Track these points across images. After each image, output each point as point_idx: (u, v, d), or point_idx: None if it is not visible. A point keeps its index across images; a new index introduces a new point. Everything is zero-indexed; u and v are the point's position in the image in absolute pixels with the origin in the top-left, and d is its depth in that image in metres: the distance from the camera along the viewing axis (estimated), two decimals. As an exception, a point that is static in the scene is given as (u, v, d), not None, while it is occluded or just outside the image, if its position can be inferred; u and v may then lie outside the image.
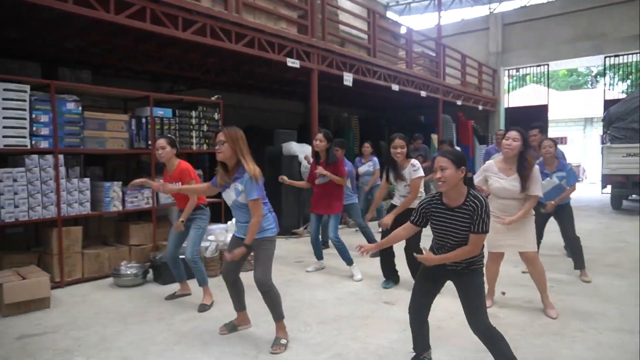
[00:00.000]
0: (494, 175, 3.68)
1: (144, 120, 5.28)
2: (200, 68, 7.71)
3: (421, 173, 4.27)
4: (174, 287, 4.43)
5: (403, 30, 10.54)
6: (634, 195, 10.94)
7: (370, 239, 5.93)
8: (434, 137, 11.48)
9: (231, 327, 3.43)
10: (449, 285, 2.66)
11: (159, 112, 5.46)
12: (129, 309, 3.98)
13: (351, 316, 3.76)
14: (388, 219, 4.18)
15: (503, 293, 4.20)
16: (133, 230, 5.24)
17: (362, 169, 7.42)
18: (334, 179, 4.80)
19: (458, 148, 9.60)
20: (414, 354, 2.80)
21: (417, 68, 10.58)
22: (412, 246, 4.15)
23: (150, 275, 4.85)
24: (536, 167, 3.65)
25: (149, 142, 5.29)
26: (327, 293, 4.40)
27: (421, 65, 10.98)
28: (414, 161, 4.29)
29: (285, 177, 5.09)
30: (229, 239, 5.16)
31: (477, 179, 3.83)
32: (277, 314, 3.19)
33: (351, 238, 6.47)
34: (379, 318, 3.72)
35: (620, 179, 9.63)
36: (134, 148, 5.24)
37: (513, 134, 3.58)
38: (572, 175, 4.67)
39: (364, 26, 8.49)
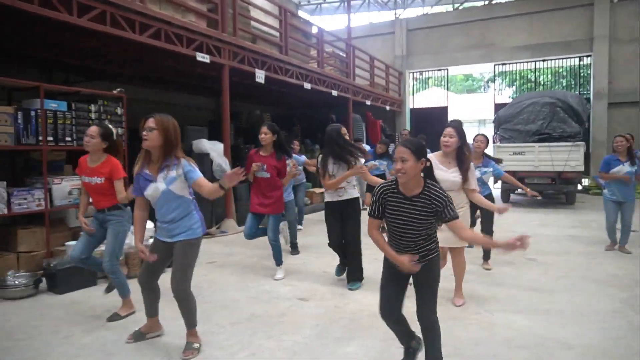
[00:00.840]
0: (435, 167, 3.79)
1: (33, 113, 4.76)
2: (101, 58, 7.14)
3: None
4: (73, 296, 4.06)
5: (314, 30, 10.71)
6: (519, 190, 12.25)
7: (294, 235, 5.97)
8: (345, 135, 11.82)
9: (138, 336, 3.22)
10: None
11: (52, 104, 4.96)
12: (16, 323, 3.57)
13: (265, 315, 3.74)
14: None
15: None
16: (22, 236, 4.71)
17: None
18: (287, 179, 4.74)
19: (367, 147, 9.98)
20: (403, 348, 2.72)
21: (328, 68, 10.83)
22: (350, 236, 4.25)
23: (43, 284, 4.39)
24: (471, 163, 3.82)
25: (40, 138, 4.79)
26: (241, 293, 4.34)
27: (332, 65, 11.26)
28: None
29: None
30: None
31: None
32: (190, 322, 3.03)
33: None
34: (294, 314, 3.74)
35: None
36: (22, 144, 4.70)
37: (449, 130, 3.67)
38: (497, 168, 5.12)
39: (275, 24, 8.48)
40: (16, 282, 4.17)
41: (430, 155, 3.96)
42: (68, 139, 5.09)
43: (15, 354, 3.02)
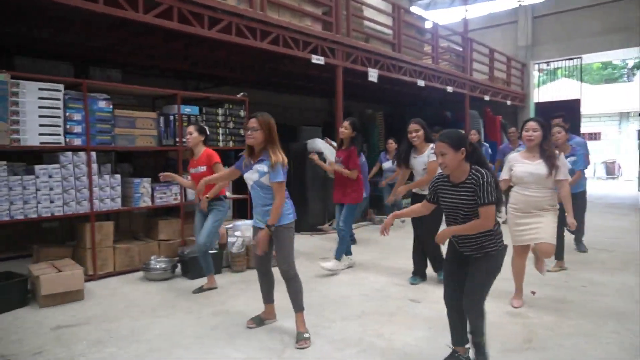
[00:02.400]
0: (518, 162, 3.66)
1: (171, 117, 5.39)
2: (226, 66, 7.79)
3: (434, 158, 4.21)
4: (201, 281, 4.51)
5: (428, 25, 10.40)
6: None
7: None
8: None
9: (258, 321, 3.48)
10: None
11: (186, 109, 5.56)
12: (158, 302, 4.08)
13: (376, 313, 3.74)
14: (402, 189, 4.41)
15: (533, 292, 4.10)
16: (162, 226, 5.36)
17: (386, 165, 7.38)
18: (342, 172, 4.88)
19: (486, 144, 9.41)
20: (451, 349, 2.75)
21: (443, 63, 10.42)
22: (427, 234, 4.18)
23: (178, 269, 4.95)
24: (562, 153, 3.71)
25: (177, 139, 5.40)
26: (352, 289, 4.40)
27: (447, 60, 10.81)
28: (433, 145, 4.22)
29: (315, 156, 5.23)
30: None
31: (502, 175, 3.78)
32: (298, 304, 3.25)
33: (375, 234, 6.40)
34: (405, 315, 3.69)
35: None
36: (163, 145, 5.35)
37: (532, 124, 3.61)
38: (581, 160, 4.58)
39: (388, 21, 8.41)
40: (157, 266, 4.77)
41: (512, 154, 3.72)
42: (200, 139, 5.66)
43: (157, 329, 3.46)
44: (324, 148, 7.63)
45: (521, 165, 3.63)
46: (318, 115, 11.59)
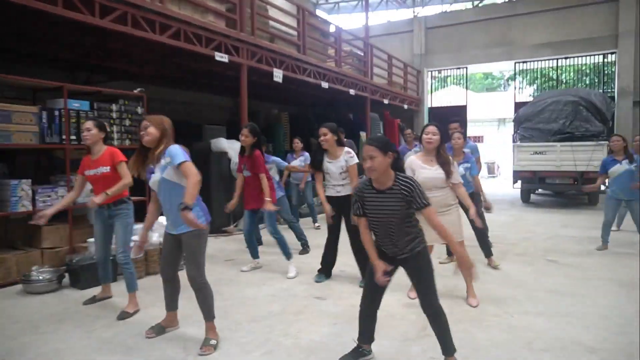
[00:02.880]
0: (419, 167, 3.88)
1: (56, 113, 4.88)
2: (122, 59, 7.26)
3: (357, 160, 4.38)
4: (94, 291, 4.15)
5: (332, 29, 10.70)
6: (540, 190, 12.02)
7: (299, 233, 5.97)
8: (363, 134, 11.79)
9: (159, 330, 3.28)
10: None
11: (74, 104, 5.08)
12: (41, 317, 3.66)
13: (283, 312, 3.75)
14: (330, 211, 4.37)
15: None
16: (46, 232, 4.83)
17: (294, 164, 7.43)
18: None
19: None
20: (356, 343, 2.83)
21: (346, 67, 10.79)
22: (359, 243, 4.23)
23: (66, 279, 4.50)
24: (451, 158, 4.00)
25: (63, 137, 4.90)
26: (259, 291, 4.37)
27: (350, 64, 11.22)
28: (348, 149, 4.43)
29: (231, 205, 5.11)
30: (154, 238, 4.95)
31: None
32: (208, 314, 3.10)
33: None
34: (311, 313, 3.75)
35: (529, 175, 10.53)
36: (46, 143, 4.82)
37: (432, 128, 3.81)
38: (474, 166, 5.08)
39: (293, 23, 8.49)
40: (40, 278, 4.29)
41: (411, 158, 4.01)
42: (90, 137, 5.20)
43: (40, 347, 3.10)
44: (227, 148, 7.48)
45: (422, 170, 3.83)
46: (223, 114, 11.31)
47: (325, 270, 4.72)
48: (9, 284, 4.46)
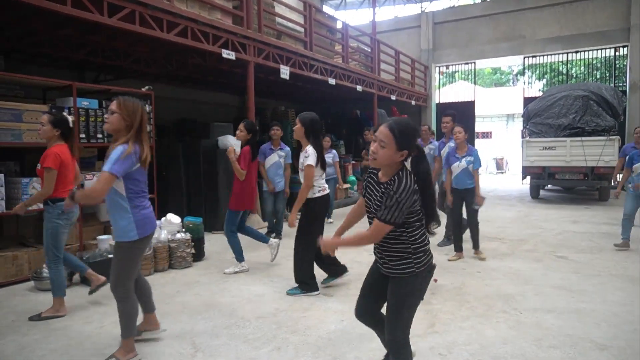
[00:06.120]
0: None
1: (66, 111, 4.92)
2: (129, 57, 7.31)
3: (311, 161, 3.92)
4: (104, 288, 4.18)
5: (339, 25, 10.66)
6: (549, 186, 11.92)
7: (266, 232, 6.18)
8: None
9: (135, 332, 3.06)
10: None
11: (84, 103, 5.12)
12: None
13: (290, 309, 3.77)
14: (293, 216, 4.13)
15: (435, 280, 4.41)
16: (56, 230, 4.88)
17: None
18: (235, 169, 4.82)
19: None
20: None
21: (353, 63, 10.76)
22: (300, 241, 4.14)
23: (77, 276, 4.55)
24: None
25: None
26: (266, 288, 4.38)
27: (357, 60, 11.18)
28: (309, 147, 3.99)
29: (232, 152, 4.94)
30: (162, 236, 4.99)
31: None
32: (124, 329, 2.80)
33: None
34: (318, 310, 3.76)
35: (538, 171, 10.44)
36: (56, 141, 4.85)
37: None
38: (477, 160, 5.06)
39: (300, 19, 8.48)
40: (51, 274, 4.32)
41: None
42: (99, 135, 5.25)
43: (51, 344, 3.16)
44: (234, 145, 7.48)
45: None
46: (230, 111, 11.35)
47: (329, 271, 4.53)
48: (21, 280, 4.52)
